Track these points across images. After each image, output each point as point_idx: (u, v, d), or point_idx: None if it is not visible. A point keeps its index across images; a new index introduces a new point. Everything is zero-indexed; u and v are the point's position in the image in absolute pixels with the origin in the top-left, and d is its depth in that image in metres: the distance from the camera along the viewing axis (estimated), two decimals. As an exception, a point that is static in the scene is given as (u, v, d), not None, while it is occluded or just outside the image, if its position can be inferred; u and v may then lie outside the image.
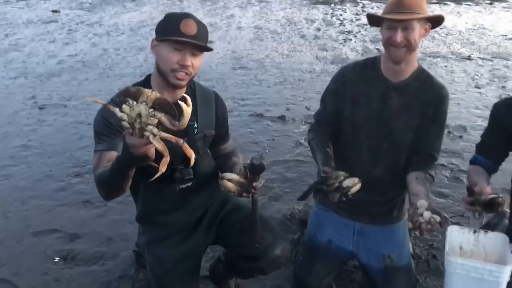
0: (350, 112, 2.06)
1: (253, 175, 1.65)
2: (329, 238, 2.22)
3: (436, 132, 2.02)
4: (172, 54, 1.66)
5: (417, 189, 1.81)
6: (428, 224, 1.63)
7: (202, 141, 1.86)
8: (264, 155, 3.79)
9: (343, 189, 1.77)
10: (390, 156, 2.05)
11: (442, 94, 1.98)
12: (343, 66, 2.15)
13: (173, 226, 1.93)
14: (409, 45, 1.86)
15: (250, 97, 5.22)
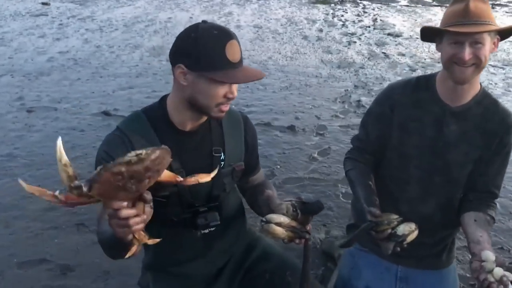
0: (398, 141, 1.74)
1: (306, 216, 1.33)
2: (367, 284, 1.90)
3: (499, 166, 1.71)
4: (219, 89, 1.32)
5: (477, 235, 1.52)
6: (500, 284, 1.33)
7: (230, 176, 1.53)
8: (275, 171, 3.47)
9: (398, 237, 1.48)
10: (443, 191, 1.74)
11: (508, 122, 1.66)
12: (390, 85, 1.82)
13: (191, 277, 1.59)
14: (479, 63, 1.54)
15: (256, 103, 4.89)
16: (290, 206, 1.34)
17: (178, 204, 1.45)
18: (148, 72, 6.11)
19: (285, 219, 1.32)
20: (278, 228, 1.30)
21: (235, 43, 1.32)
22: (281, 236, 1.31)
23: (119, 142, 1.38)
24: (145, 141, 1.38)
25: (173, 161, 1.40)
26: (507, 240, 2.73)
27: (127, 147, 1.36)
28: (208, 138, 1.48)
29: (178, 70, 1.33)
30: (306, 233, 1.34)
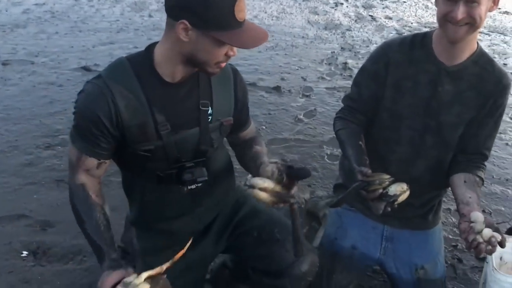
0: (391, 100, 1.69)
1: (291, 180, 1.27)
2: (353, 243, 1.90)
3: (491, 128, 1.68)
4: (221, 48, 1.26)
5: (467, 197, 1.50)
6: (488, 245, 1.33)
7: (217, 131, 1.46)
8: (261, 131, 3.42)
9: (389, 197, 1.44)
10: (433, 153, 1.71)
11: (504, 83, 1.62)
12: (386, 43, 1.76)
13: (177, 233, 1.56)
14: (473, 22, 1.47)
15: (241, 63, 4.76)
16: (276, 170, 1.26)
17: (163, 158, 1.39)
18: (130, 27, 5.90)
19: (269, 184, 1.24)
20: (262, 193, 1.24)
21: (242, 2, 1.23)
22: (266, 201, 1.26)
23: (98, 93, 1.30)
24: (127, 91, 1.31)
25: (158, 114, 1.34)
26: (489, 203, 2.77)
27: (107, 99, 1.28)
28: (195, 91, 1.41)
29: (181, 26, 1.22)
30: (291, 197, 1.27)
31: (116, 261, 1.26)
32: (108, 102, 1.28)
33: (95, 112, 1.28)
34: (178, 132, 1.38)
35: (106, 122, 1.29)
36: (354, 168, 1.55)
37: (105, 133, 1.31)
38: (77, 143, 1.35)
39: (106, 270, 1.22)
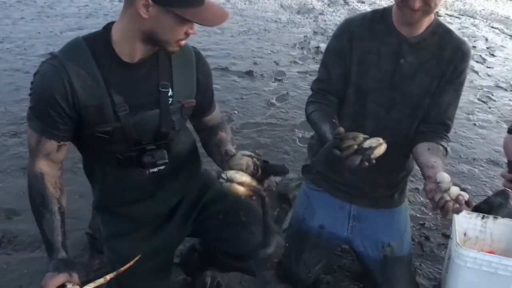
0: (357, 75, 1.71)
1: (266, 175, 1.26)
2: (321, 223, 1.92)
3: (452, 95, 1.69)
4: (182, 26, 1.24)
5: (431, 161, 1.48)
6: (455, 203, 1.28)
7: (179, 113, 1.43)
8: (233, 116, 3.40)
9: (364, 150, 1.33)
10: (400, 127, 1.73)
11: (463, 50, 1.65)
12: (347, 19, 1.77)
13: (141, 218, 1.53)
14: (429, 10, 1.53)
15: (213, 47, 4.72)
16: (251, 163, 1.24)
17: (122, 141, 1.36)
18: (99, 12, 5.77)
19: (247, 179, 1.22)
20: (240, 188, 1.21)
21: None
22: (242, 195, 1.23)
23: (54, 73, 1.26)
24: (84, 71, 1.27)
25: (116, 95, 1.31)
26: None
27: (63, 79, 1.25)
28: (155, 72, 1.38)
29: (142, 2, 1.19)
30: (264, 191, 1.26)
31: (63, 262, 1.22)
32: (63, 83, 1.25)
33: (51, 93, 1.25)
34: (137, 113, 1.35)
35: (62, 103, 1.26)
36: (328, 138, 1.49)
37: (62, 114, 1.28)
38: (34, 125, 1.31)
39: (51, 271, 1.19)
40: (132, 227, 1.54)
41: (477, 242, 1.97)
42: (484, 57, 5.17)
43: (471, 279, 1.77)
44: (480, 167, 3.01)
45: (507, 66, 4.98)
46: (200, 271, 1.90)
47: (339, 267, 2.10)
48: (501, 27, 6.43)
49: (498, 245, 1.94)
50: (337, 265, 2.11)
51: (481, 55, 5.23)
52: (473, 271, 1.74)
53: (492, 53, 5.35)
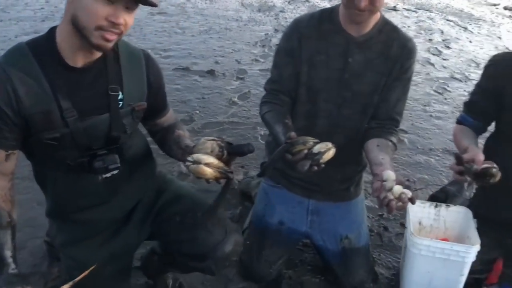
0: (307, 75, 1.74)
1: (232, 156, 1.29)
2: (281, 219, 1.95)
3: (400, 92, 1.74)
4: (100, 7, 1.18)
5: (379, 158, 1.53)
6: (398, 201, 1.32)
7: (130, 117, 1.42)
8: (194, 116, 3.39)
9: (313, 155, 1.37)
10: (351, 124, 1.78)
11: (409, 47, 1.70)
12: (296, 19, 1.79)
13: (96, 223, 1.52)
14: (374, 10, 1.57)
15: (174, 47, 4.69)
16: (216, 146, 1.27)
17: (72, 146, 1.34)
18: (55, 15, 5.64)
19: (214, 160, 1.25)
20: (207, 169, 1.23)
21: None
22: (209, 176, 1.25)
23: None
24: (28, 78, 1.24)
25: (63, 100, 1.28)
26: (413, 172, 2.90)
27: (6, 86, 1.22)
28: (103, 75, 1.36)
29: None
30: (231, 172, 1.29)
31: (16, 276, 1.21)
32: (7, 89, 1.22)
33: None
34: (87, 118, 1.33)
35: (7, 110, 1.23)
36: (281, 140, 1.52)
37: (7, 122, 1.25)
38: None
39: (3, 286, 1.17)
40: (88, 233, 1.52)
41: (432, 230, 2.04)
42: (440, 50, 5.32)
43: (426, 266, 1.83)
44: (436, 157, 3.11)
45: (461, 58, 5.14)
46: (161, 273, 1.89)
47: (301, 261, 2.14)
48: (456, 20, 6.62)
49: (451, 232, 2.01)
50: (299, 260, 2.14)
51: (437, 48, 5.38)
52: (427, 258, 1.80)
53: (447, 45, 5.51)
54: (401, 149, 3.15)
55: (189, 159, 1.24)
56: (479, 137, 1.84)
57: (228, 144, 1.29)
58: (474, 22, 6.64)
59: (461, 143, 1.70)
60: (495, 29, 6.39)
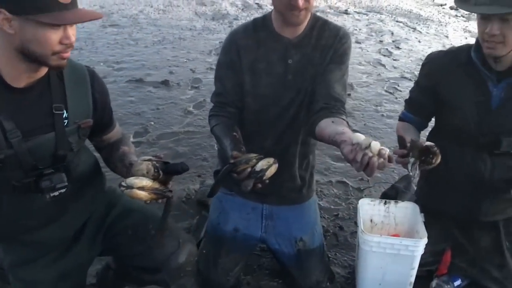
0: (251, 84, 1.77)
1: (168, 176, 1.30)
2: (235, 226, 1.97)
3: (337, 73, 1.72)
4: (51, 34, 1.20)
5: (339, 129, 1.42)
6: (380, 158, 1.20)
7: (76, 134, 1.41)
8: (149, 127, 3.37)
9: (256, 173, 1.41)
10: (300, 120, 1.80)
11: (339, 34, 1.75)
12: (231, 32, 1.83)
13: (46, 243, 1.50)
14: (309, 7, 1.62)
15: (126, 59, 4.65)
16: (151, 167, 1.28)
17: (18, 167, 1.32)
18: None
19: (147, 182, 1.26)
20: (141, 192, 1.25)
21: None
22: (145, 199, 1.27)
23: None
24: None
25: (6, 122, 1.27)
26: (366, 171, 2.97)
27: None
28: (47, 94, 1.35)
29: (1, 17, 1.17)
30: (169, 191, 1.31)
31: None
32: None
33: None
34: (31, 138, 1.32)
35: None
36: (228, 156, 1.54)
37: None
38: None
39: None
40: (37, 253, 1.50)
41: (383, 227, 2.10)
42: (390, 50, 5.49)
43: (378, 262, 1.88)
44: (388, 155, 3.19)
45: (411, 58, 5.32)
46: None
47: (258, 266, 2.16)
48: (405, 21, 6.84)
49: (401, 227, 2.08)
50: (257, 265, 2.16)
51: (388, 49, 5.54)
52: (379, 254, 1.86)
53: (397, 46, 5.68)
54: (355, 149, 3.23)
55: (122, 184, 1.25)
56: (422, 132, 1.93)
57: (163, 164, 1.30)
58: (423, 22, 6.88)
59: (404, 137, 1.74)
60: (442, 28, 6.63)
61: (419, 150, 1.56)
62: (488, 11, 1.55)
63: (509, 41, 1.58)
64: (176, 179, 2.77)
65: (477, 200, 1.83)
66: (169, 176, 1.32)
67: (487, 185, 1.79)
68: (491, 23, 1.56)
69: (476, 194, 1.82)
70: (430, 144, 1.57)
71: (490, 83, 1.72)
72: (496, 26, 1.55)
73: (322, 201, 2.62)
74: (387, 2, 7.93)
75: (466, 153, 1.79)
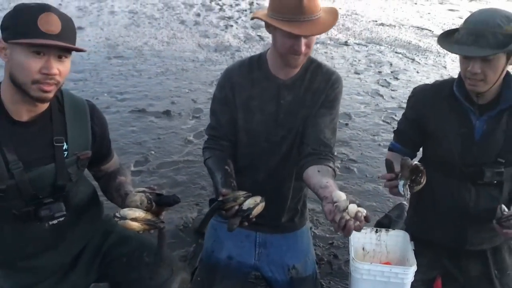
0: (244, 120, 1.84)
1: (160, 207, 1.38)
2: (229, 254, 2.02)
3: (327, 118, 1.80)
4: (31, 61, 1.28)
5: (324, 182, 1.53)
6: (356, 221, 1.31)
7: (75, 165, 1.49)
8: (149, 156, 3.45)
9: (243, 212, 1.50)
10: (294, 158, 1.87)
11: (332, 79, 1.83)
12: (227, 69, 1.90)
13: (43, 269, 1.56)
14: (309, 52, 1.71)
15: (130, 90, 4.78)
16: (145, 199, 1.36)
17: (18, 197, 1.40)
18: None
19: (140, 214, 1.34)
20: (134, 223, 1.33)
21: (52, 15, 1.30)
22: (137, 229, 1.34)
23: None
24: None
25: (9, 153, 1.36)
26: (362, 200, 3.03)
27: None
28: (48, 127, 1.44)
29: (0, 46, 1.30)
30: (161, 223, 1.38)
31: None
32: None
33: None
34: (32, 169, 1.40)
35: None
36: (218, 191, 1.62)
37: None
38: None
39: None
40: (35, 279, 1.56)
41: (375, 255, 2.14)
42: (388, 81, 5.59)
43: (369, 289, 1.92)
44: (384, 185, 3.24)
45: (409, 88, 5.38)
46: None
47: (253, 293, 2.19)
48: (404, 52, 6.97)
49: (393, 255, 2.11)
50: (251, 292, 2.20)
51: (386, 79, 5.65)
52: (369, 282, 1.89)
53: (396, 77, 5.79)
54: (351, 178, 3.30)
55: (116, 215, 1.32)
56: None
57: (156, 196, 1.38)
58: (421, 53, 7.00)
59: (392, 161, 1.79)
60: (440, 59, 6.74)
61: (410, 169, 1.61)
62: (468, 52, 1.63)
63: (489, 79, 1.66)
64: (174, 208, 2.81)
65: (463, 229, 1.88)
66: (161, 208, 1.39)
67: (472, 215, 1.84)
68: (472, 62, 1.64)
69: (462, 223, 1.87)
70: (418, 163, 1.64)
71: (472, 116, 1.79)
72: (477, 65, 1.63)
73: (317, 230, 2.67)
74: (386, 33, 8.08)
75: (451, 183, 1.85)
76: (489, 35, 1.58)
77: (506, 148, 1.77)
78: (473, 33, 1.61)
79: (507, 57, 1.62)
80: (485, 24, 1.60)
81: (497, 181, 1.80)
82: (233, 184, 1.66)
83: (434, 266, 2.00)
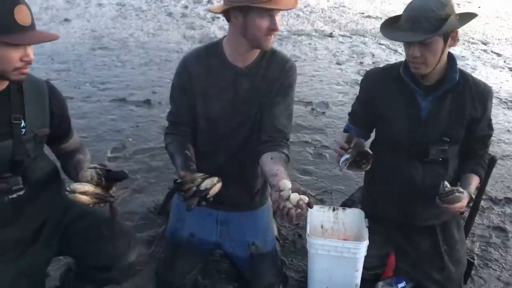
0: (203, 107, 1.92)
1: (110, 182, 1.47)
2: (191, 231, 2.10)
3: (282, 106, 1.89)
4: (12, 53, 1.38)
5: (274, 169, 1.63)
6: (297, 209, 1.42)
7: (32, 142, 1.57)
8: (126, 143, 3.52)
9: (200, 192, 1.58)
10: (248, 142, 1.95)
11: (285, 68, 1.90)
12: (184, 57, 1.94)
13: (3, 243, 1.62)
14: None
15: (112, 80, 4.84)
16: (95, 174, 1.46)
17: None
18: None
19: (89, 188, 1.43)
20: (83, 196, 1.43)
21: (24, 8, 1.38)
22: (87, 203, 1.44)
23: None
24: None
25: None
26: (331, 184, 3.12)
27: None
28: (7, 106, 1.51)
29: None
30: (110, 197, 1.48)
31: None
32: None
33: None
34: None
35: None
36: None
37: None
38: None
39: None
40: (-5, 254, 1.62)
41: (333, 232, 2.23)
42: (369, 71, 5.66)
43: (324, 264, 2.01)
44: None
45: (389, 78, 5.48)
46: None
47: (217, 270, 2.28)
48: (387, 43, 7.03)
49: (350, 232, 2.21)
50: (215, 270, 2.28)
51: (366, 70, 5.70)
52: (324, 257, 1.99)
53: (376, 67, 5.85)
54: (322, 164, 3.38)
55: (67, 189, 1.42)
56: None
57: (106, 172, 1.47)
58: (404, 44, 7.08)
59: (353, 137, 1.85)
60: (423, 50, 6.83)
61: (359, 151, 1.70)
62: (405, 38, 1.73)
63: (429, 62, 1.75)
64: (147, 191, 2.93)
65: (412, 205, 1.97)
66: (110, 183, 1.48)
67: (420, 191, 1.93)
68: (412, 46, 1.74)
69: (411, 200, 1.96)
70: (369, 151, 1.72)
71: (419, 96, 1.88)
72: (416, 49, 1.72)
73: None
74: (372, 25, 8.15)
75: (400, 161, 1.94)
76: (423, 20, 1.67)
77: (450, 127, 1.87)
78: (410, 19, 1.70)
79: (444, 40, 1.71)
80: (420, 10, 1.69)
81: (442, 158, 1.89)
82: (193, 167, 1.74)
83: (387, 242, 2.09)
